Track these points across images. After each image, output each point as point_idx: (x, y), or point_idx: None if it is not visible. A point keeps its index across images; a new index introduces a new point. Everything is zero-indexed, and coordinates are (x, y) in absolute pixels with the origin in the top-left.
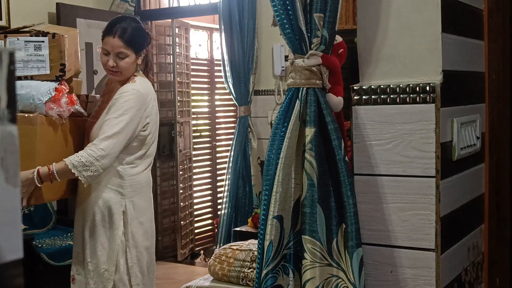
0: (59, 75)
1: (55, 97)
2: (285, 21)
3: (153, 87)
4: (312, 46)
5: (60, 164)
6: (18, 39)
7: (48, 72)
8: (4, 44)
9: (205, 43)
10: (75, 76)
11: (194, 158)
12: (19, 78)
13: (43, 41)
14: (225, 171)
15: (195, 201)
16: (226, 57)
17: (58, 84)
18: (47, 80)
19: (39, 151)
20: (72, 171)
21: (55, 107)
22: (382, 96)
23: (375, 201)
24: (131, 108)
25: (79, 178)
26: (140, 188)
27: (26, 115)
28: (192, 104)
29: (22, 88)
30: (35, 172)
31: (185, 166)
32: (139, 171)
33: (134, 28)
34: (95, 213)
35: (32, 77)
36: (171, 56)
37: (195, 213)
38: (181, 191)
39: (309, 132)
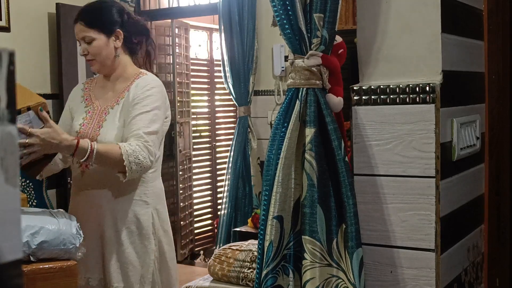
0: None
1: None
2: (285, 21)
3: None
4: (312, 46)
5: (107, 145)
6: None
7: None
8: None
9: (205, 43)
10: None
11: (194, 159)
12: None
13: None
14: (225, 171)
15: (195, 201)
16: (226, 57)
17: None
18: None
19: None
20: (123, 158)
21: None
22: (381, 97)
23: (375, 202)
24: (158, 100)
25: (125, 170)
26: (160, 194)
27: (62, 265)
28: (192, 104)
29: (45, 232)
30: (74, 141)
31: (185, 166)
32: (158, 175)
33: (96, 8)
34: (120, 229)
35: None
36: (171, 56)
37: (195, 213)
38: (181, 191)
39: (309, 132)
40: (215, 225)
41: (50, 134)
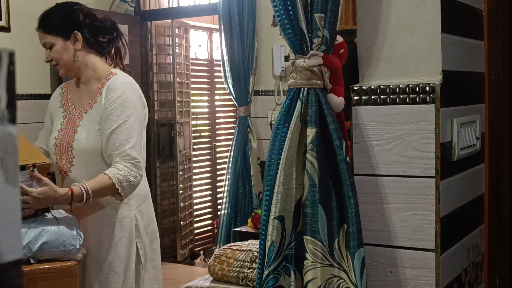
0: None
1: None
2: (285, 21)
3: (152, 87)
4: (313, 46)
5: (98, 181)
6: None
7: None
8: None
9: (204, 44)
10: None
11: (194, 159)
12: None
13: None
14: (225, 171)
15: (195, 201)
16: (226, 58)
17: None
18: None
19: None
20: (116, 186)
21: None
22: (382, 97)
23: (375, 202)
24: (132, 106)
25: (120, 195)
26: (143, 194)
27: (62, 265)
28: (192, 104)
29: (46, 233)
30: (69, 193)
31: (185, 167)
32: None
33: (51, 13)
34: (102, 234)
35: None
36: (171, 56)
37: (195, 213)
38: (181, 192)
39: (310, 132)
40: (215, 225)
41: (47, 193)
